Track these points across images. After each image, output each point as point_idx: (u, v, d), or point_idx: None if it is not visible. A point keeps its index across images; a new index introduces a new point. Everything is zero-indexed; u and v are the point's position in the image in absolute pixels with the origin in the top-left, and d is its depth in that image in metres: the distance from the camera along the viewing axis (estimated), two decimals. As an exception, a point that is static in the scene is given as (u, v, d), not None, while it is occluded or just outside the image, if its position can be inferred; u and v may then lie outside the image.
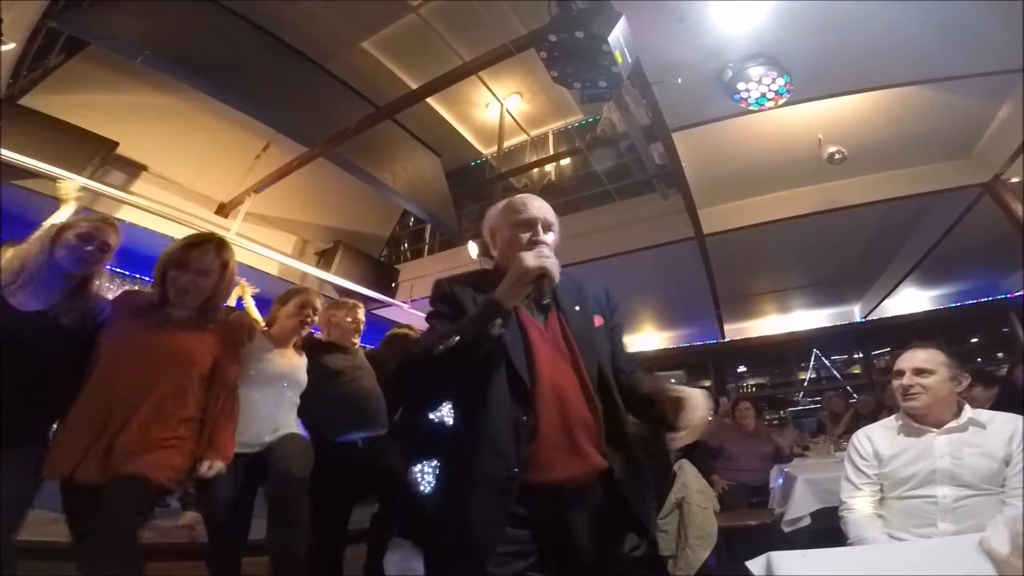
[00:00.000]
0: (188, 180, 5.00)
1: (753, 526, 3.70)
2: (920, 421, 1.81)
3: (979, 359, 8.43)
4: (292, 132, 4.33)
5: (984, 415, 1.77)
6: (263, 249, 5.05)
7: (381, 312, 6.04)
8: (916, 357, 1.83)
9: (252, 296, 3.36)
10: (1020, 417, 1.73)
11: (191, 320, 1.88)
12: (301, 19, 4.53)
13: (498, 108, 6.24)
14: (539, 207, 1.38)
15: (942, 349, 1.86)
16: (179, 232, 4.49)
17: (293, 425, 2.40)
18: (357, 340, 3.00)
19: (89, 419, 1.65)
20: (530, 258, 1.18)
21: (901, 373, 1.84)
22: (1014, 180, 4.41)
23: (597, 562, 1.20)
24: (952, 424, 1.75)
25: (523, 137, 6.80)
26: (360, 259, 5.80)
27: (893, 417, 1.93)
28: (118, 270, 4.82)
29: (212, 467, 1.82)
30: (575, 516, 1.20)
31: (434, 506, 1.24)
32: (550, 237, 1.35)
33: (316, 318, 2.60)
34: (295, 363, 2.51)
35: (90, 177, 3.84)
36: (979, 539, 1.15)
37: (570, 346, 1.29)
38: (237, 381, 2.01)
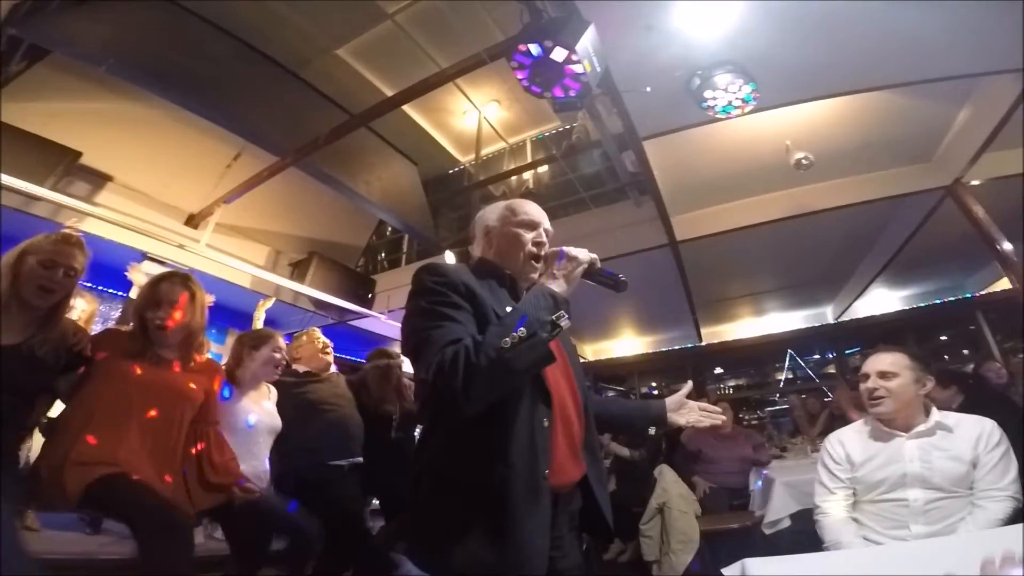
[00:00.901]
0: (156, 190, 4.87)
1: (735, 529, 3.71)
2: (889, 425, 1.83)
3: (946, 356, 8.68)
4: (264, 141, 4.25)
5: (951, 418, 1.80)
6: (235, 261, 4.94)
7: (357, 323, 5.96)
8: (881, 360, 1.85)
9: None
10: (986, 420, 1.77)
11: (179, 358, 1.97)
12: (275, 26, 4.47)
13: (476, 116, 6.23)
14: (540, 210, 1.45)
15: (907, 352, 1.87)
16: (146, 244, 4.38)
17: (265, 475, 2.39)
18: (331, 362, 3.01)
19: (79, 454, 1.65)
20: (580, 251, 1.25)
21: (866, 376, 1.86)
22: (974, 183, 4.55)
23: (577, 565, 1.26)
24: (920, 428, 1.77)
25: (501, 145, 6.80)
26: (335, 270, 5.70)
27: (862, 421, 1.95)
28: (87, 284, 4.69)
29: (249, 490, 2.04)
30: (563, 518, 1.24)
31: (452, 516, 1.12)
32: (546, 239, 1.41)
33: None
34: (269, 408, 2.49)
35: (52, 188, 3.73)
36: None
37: (562, 354, 1.31)
38: (217, 419, 2.10)
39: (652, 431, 1.53)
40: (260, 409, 2.44)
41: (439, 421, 1.20)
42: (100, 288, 4.73)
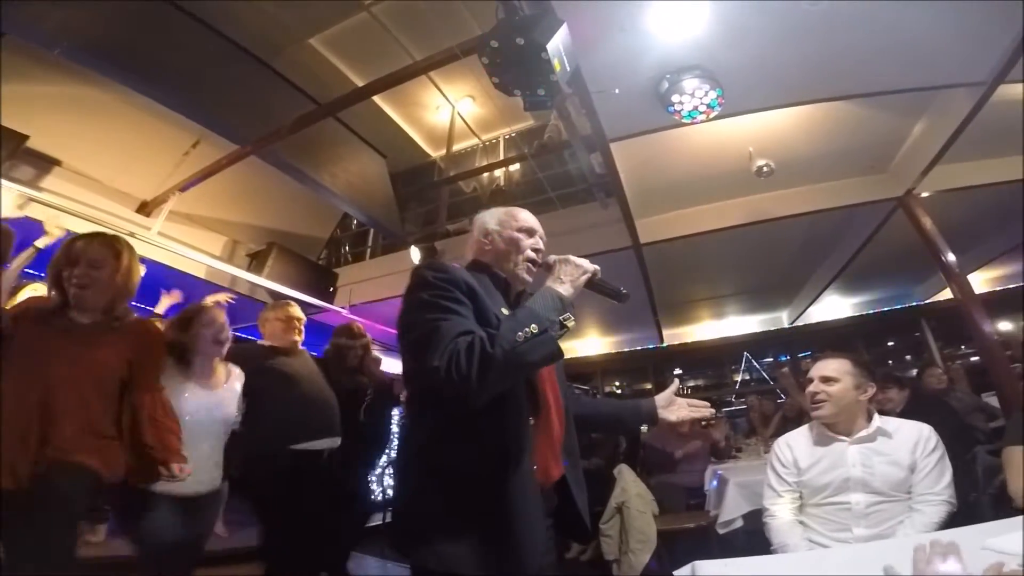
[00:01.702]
0: (108, 176, 4.63)
1: (691, 528, 3.80)
2: (832, 430, 1.89)
3: (890, 361, 9.11)
4: (225, 129, 4.08)
5: (891, 424, 1.87)
6: (188, 250, 4.75)
7: (318, 318, 5.81)
8: (825, 366, 1.92)
9: (174, 305, 3.14)
10: (924, 425, 1.85)
11: (97, 325, 1.80)
12: (246, 12, 4.30)
13: (449, 111, 6.16)
14: (536, 220, 1.52)
15: (852, 358, 1.94)
16: (92, 230, 4.16)
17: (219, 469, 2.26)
18: (299, 340, 2.88)
19: (12, 432, 1.57)
20: (584, 261, 1.33)
21: (810, 380, 1.93)
22: (924, 195, 4.74)
23: (553, 563, 1.32)
24: (862, 434, 1.85)
25: (473, 141, 6.75)
26: (296, 262, 5.54)
27: (808, 426, 2.00)
28: (33, 272, 4.43)
29: (183, 469, 1.84)
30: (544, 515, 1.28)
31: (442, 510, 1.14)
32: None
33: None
34: (225, 396, 2.30)
35: (-8, 172, 3.50)
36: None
37: None
38: (159, 386, 1.94)
39: (644, 429, 1.59)
40: (219, 400, 2.27)
41: (430, 413, 1.22)
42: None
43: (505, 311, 1.29)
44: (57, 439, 1.59)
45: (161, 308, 3.41)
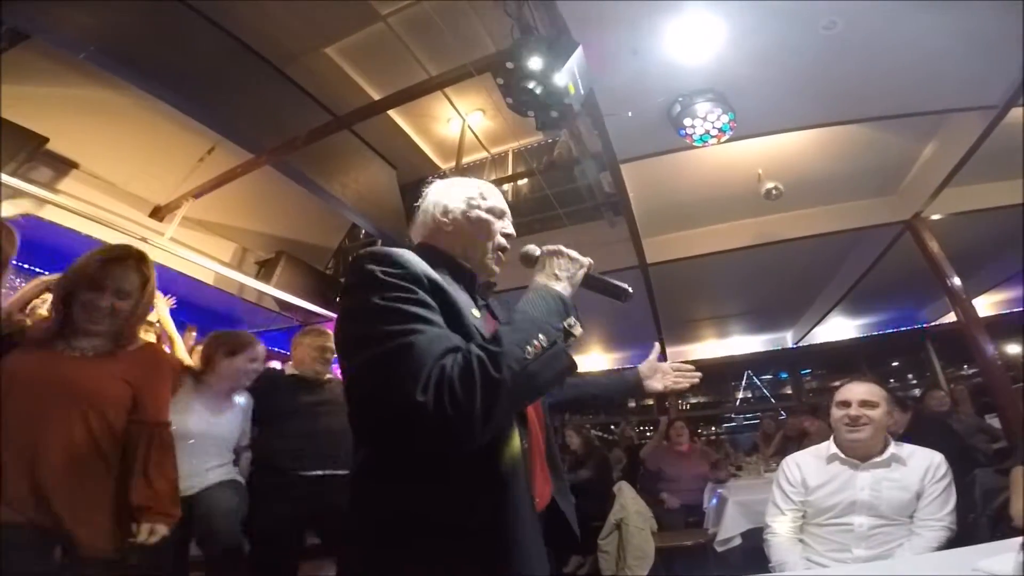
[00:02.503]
0: (123, 180, 4.69)
1: (689, 546, 3.79)
2: (848, 453, 1.90)
3: (892, 380, 9.11)
4: (240, 137, 4.16)
5: (905, 450, 1.88)
6: (198, 256, 4.80)
7: (323, 327, 5.85)
8: (862, 389, 1.92)
9: (170, 309, 3.04)
10: (935, 453, 1.86)
11: (101, 348, 1.61)
12: (265, 21, 4.38)
13: (460, 123, 6.23)
14: (503, 198, 1.29)
15: (882, 385, 1.97)
16: (107, 234, 4.23)
17: (226, 472, 2.26)
18: (326, 371, 2.78)
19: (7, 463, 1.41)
20: (580, 255, 1.11)
21: (847, 404, 1.91)
22: (935, 217, 4.76)
23: None
24: (876, 459, 1.86)
25: (483, 154, 6.80)
26: (304, 271, 5.59)
27: (824, 446, 2.01)
28: (38, 270, 4.50)
29: (153, 531, 1.55)
30: None
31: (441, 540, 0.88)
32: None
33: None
34: (233, 421, 2.34)
35: (12, 174, 3.57)
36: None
37: None
38: (166, 416, 1.73)
39: (634, 403, 1.51)
40: (228, 424, 2.30)
41: (394, 453, 0.91)
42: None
43: (475, 312, 1.05)
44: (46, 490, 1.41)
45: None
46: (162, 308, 2.94)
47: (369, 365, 0.84)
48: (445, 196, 1.21)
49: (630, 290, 1.17)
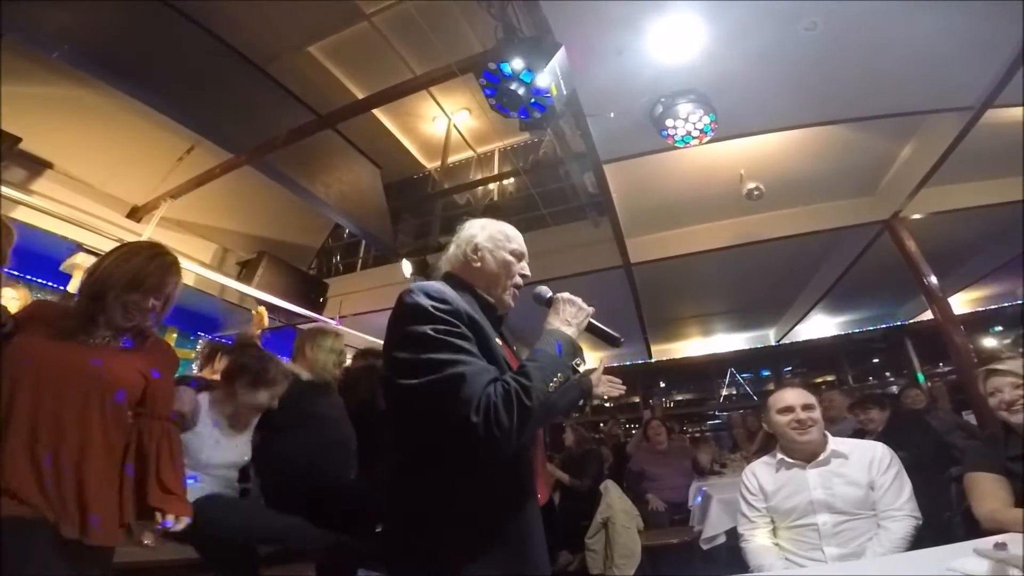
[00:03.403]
0: (99, 180, 4.59)
1: (675, 544, 3.82)
2: (792, 456, 1.98)
3: (871, 378, 9.27)
4: (220, 137, 4.08)
5: (845, 446, 1.97)
6: (178, 258, 4.71)
7: (307, 327, 5.79)
8: (800, 395, 2.01)
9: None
10: (877, 444, 1.96)
11: (117, 339, 1.62)
12: (247, 18, 4.31)
13: (445, 123, 6.20)
14: (523, 242, 1.47)
15: (808, 389, 2.08)
16: (83, 235, 4.14)
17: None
18: (336, 376, 2.72)
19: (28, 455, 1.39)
20: (584, 303, 1.30)
21: (791, 409, 1.98)
22: (916, 216, 4.85)
23: None
24: (820, 457, 1.93)
25: (469, 154, 6.78)
26: (286, 271, 5.52)
27: (770, 455, 2.09)
28: (15, 273, 4.39)
29: (179, 520, 1.61)
30: None
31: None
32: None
33: None
34: (244, 440, 2.25)
35: (-17, 175, 3.48)
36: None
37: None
38: (170, 411, 1.74)
39: (583, 404, 1.58)
40: (240, 452, 2.23)
41: (439, 458, 1.10)
42: (30, 278, 4.43)
43: (499, 341, 1.25)
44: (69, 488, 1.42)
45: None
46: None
47: (427, 388, 1.04)
48: (476, 235, 1.40)
49: (622, 339, 1.41)
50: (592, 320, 1.32)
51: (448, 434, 1.04)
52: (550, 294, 1.34)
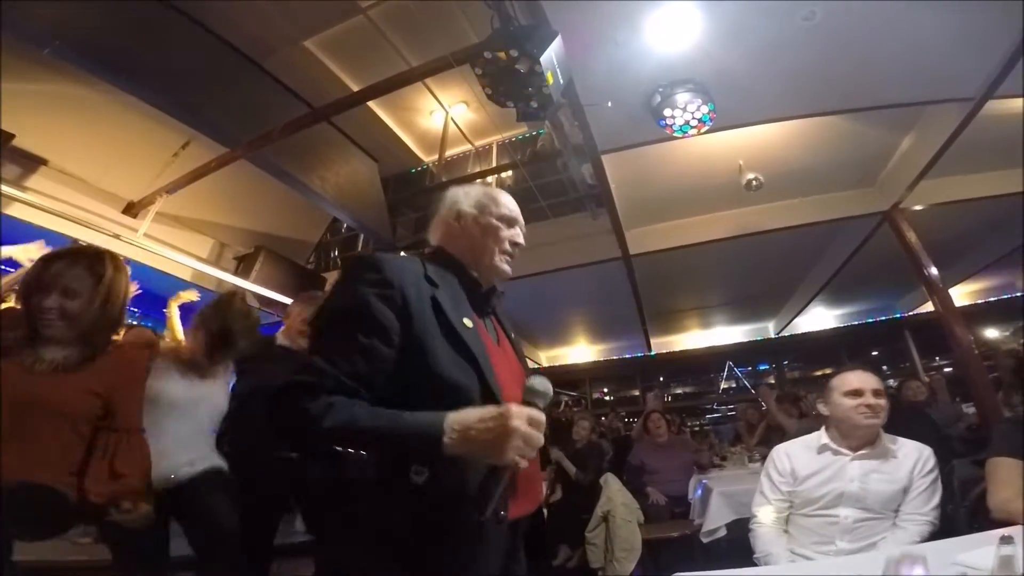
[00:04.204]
0: (94, 177, 4.56)
1: (675, 537, 3.81)
2: (839, 443, 1.89)
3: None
4: (215, 131, 4.05)
5: (896, 444, 1.87)
6: (174, 253, 4.70)
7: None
8: (872, 379, 1.89)
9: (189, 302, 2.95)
10: (924, 447, 1.85)
11: (70, 358, 1.51)
12: (241, 13, 4.27)
13: (443, 116, 6.16)
14: (517, 206, 1.32)
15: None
16: (78, 232, 4.11)
17: (212, 456, 2.12)
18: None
19: None
20: (512, 450, 0.86)
21: (860, 392, 1.86)
22: (917, 207, 4.83)
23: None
24: (867, 451, 1.84)
25: (467, 147, 6.73)
26: (283, 266, 5.51)
27: (814, 436, 1.99)
28: (10, 271, 4.36)
29: (137, 507, 1.52)
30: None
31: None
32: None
33: None
34: (214, 388, 2.21)
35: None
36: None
37: (515, 371, 1.19)
38: (138, 423, 1.65)
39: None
40: (207, 390, 2.18)
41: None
42: (25, 275, 4.42)
43: (468, 323, 1.06)
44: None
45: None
46: (172, 309, 2.89)
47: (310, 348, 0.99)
48: (460, 201, 1.26)
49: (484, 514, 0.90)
50: (496, 477, 0.88)
51: None
52: (539, 401, 0.94)
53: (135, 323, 4.25)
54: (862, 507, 1.77)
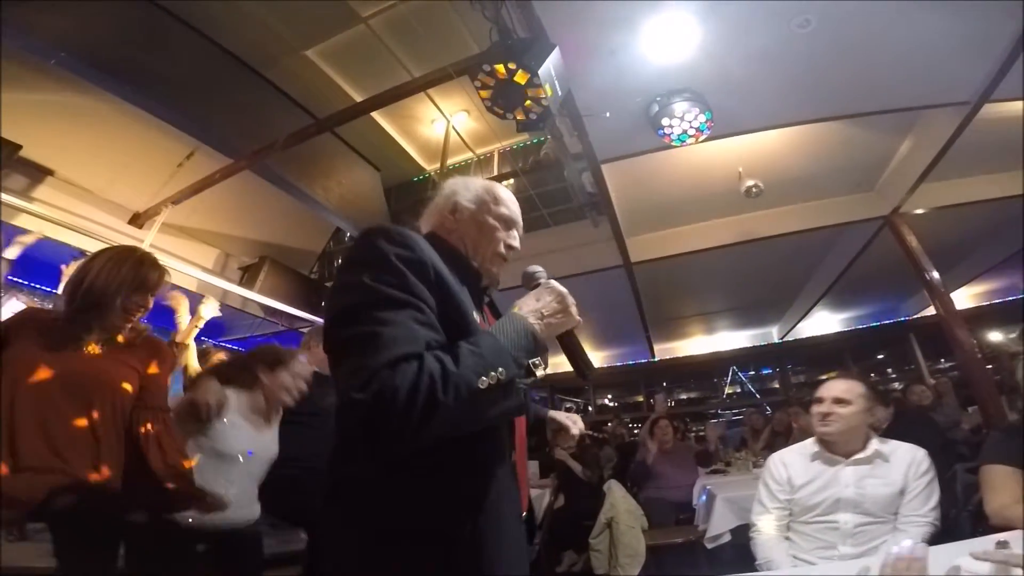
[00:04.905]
0: (100, 187, 4.62)
1: (679, 543, 3.80)
2: (831, 450, 1.91)
3: (872, 375, 9.23)
4: (219, 142, 4.11)
5: (887, 447, 1.89)
6: (179, 263, 4.74)
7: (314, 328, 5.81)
8: (837, 387, 1.93)
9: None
10: (918, 449, 1.87)
11: (111, 340, 1.69)
12: (243, 23, 4.33)
13: (444, 124, 6.20)
14: (518, 207, 1.25)
15: (864, 381, 1.97)
16: (85, 242, 4.15)
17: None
18: None
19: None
20: (572, 304, 1.01)
21: (821, 400, 1.93)
22: (918, 211, 4.84)
23: None
24: (859, 456, 1.86)
25: (468, 155, 6.78)
26: (288, 276, 5.54)
27: (808, 442, 2.01)
28: (20, 281, 4.42)
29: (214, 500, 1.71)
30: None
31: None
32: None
33: None
34: (273, 435, 2.22)
35: (-17, 183, 3.50)
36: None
37: None
38: (167, 403, 1.80)
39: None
40: (272, 441, 2.19)
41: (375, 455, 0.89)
42: (33, 286, 4.48)
43: (476, 316, 1.02)
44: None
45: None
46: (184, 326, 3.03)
47: (335, 348, 0.86)
48: (458, 192, 1.21)
49: (591, 373, 1.12)
50: (573, 337, 1.04)
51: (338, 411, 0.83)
52: (541, 279, 1.08)
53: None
54: (861, 512, 1.78)
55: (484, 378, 0.81)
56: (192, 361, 3.10)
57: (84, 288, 1.64)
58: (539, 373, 0.93)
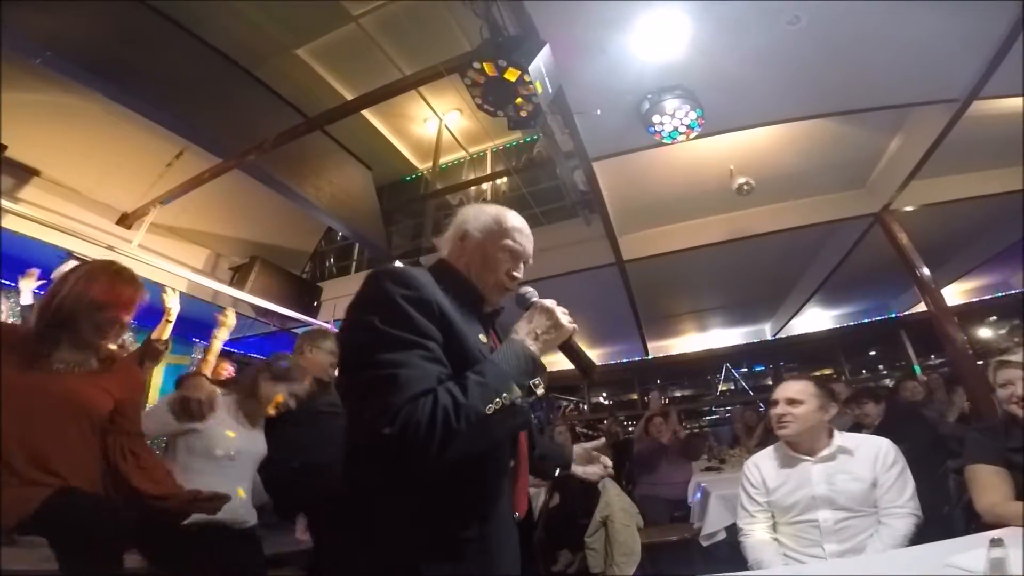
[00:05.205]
0: (87, 188, 4.56)
1: (674, 541, 3.81)
2: (796, 450, 1.96)
3: (864, 372, 9.29)
4: (208, 141, 4.05)
5: (851, 441, 1.94)
6: (169, 264, 4.69)
7: (301, 331, 5.77)
8: (790, 388, 1.99)
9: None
10: (883, 440, 1.92)
11: (86, 362, 1.64)
12: (233, 22, 4.29)
13: (436, 123, 6.19)
14: (531, 240, 1.30)
15: (814, 381, 2.03)
16: (72, 243, 4.10)
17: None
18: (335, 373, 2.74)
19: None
20: (563, 315, 1.12)
21: (776, 402, 1.99)
22: (908, 208, 4.86)
23: None
24: (824, 453, 1.91)
25: (461, 154, 6.77)
26: (279, 276, 5.49)
27: (774, 447, 2.07)
28: (5, 283, 4.36)
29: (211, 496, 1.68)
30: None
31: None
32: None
33: None
34: (263, 443, 2.27)
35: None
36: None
37: None
38: (141, 428, 1.76)
39: (557, 473, 1.52)
40: (247, 435, 2.21)
41: (397, 475, 0.99)
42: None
43: (482, 338, 1.13)
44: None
45: (26, 297, 3.28)
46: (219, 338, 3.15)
47: (357, 387, 0.97)
48: (468, 221, 1.27)
49: (595, 369, 1.23)
50: (571, 342, 1.15)
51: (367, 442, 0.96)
52: (533, 299, 1.17)
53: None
54: (837, 507, 1.82)
55: (491, 405, 0.93)
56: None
57: (55, 304, 1.60)
58: (539, 392, 1.03)
